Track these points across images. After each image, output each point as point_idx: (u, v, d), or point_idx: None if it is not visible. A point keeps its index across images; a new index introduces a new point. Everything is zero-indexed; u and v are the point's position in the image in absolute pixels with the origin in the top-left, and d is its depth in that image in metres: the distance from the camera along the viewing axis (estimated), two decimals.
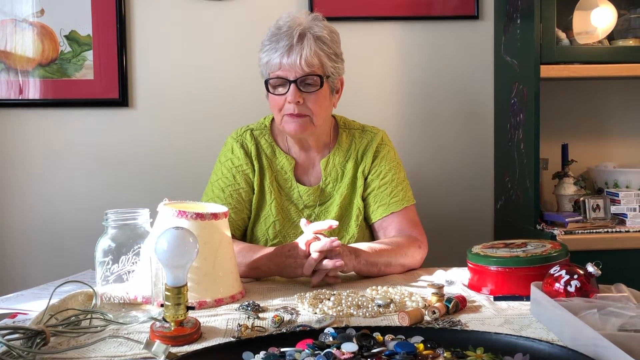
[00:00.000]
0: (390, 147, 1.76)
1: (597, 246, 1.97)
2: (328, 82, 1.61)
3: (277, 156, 1.71)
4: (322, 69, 1.58)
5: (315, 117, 1.60)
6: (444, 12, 2.41)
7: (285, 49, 1.55)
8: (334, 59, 1.61)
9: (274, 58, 1.56)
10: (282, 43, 1.55)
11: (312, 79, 1.57)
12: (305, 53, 1.54)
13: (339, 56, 1.64)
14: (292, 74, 1.55)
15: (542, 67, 2.04)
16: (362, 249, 1.49)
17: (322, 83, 1.58)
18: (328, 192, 1.71)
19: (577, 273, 1.10)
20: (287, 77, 1.56)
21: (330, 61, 1.59)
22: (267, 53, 1.58)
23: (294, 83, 1.55)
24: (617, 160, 2.40)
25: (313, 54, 1.55)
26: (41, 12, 2.33)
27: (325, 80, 1.59)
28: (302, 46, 1.54)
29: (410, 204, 1.70)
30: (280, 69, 1.56)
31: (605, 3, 2.15)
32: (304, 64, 1.54)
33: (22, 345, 0.95)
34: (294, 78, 1.55)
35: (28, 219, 2.39)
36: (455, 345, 0.91)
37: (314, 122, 1.60)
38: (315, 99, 1.58)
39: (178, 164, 2.39)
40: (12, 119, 2.36)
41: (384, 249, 1.53)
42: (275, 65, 1.56)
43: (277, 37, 1.57)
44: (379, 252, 1.51)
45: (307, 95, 1.57)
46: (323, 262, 1.39)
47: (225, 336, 1.06)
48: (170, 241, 1.02)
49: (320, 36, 1.57)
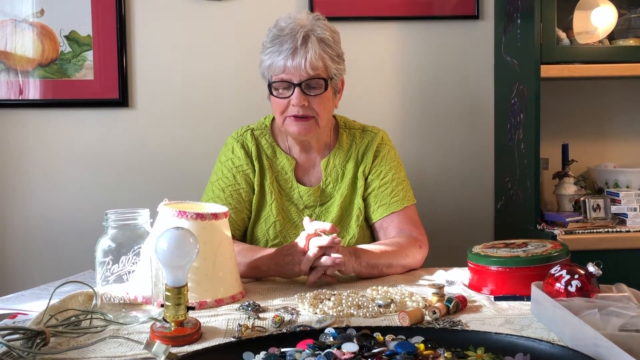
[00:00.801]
0: (391, 146, 1.76)
1: (597, 246, 1.97)
2: (331, 83, 1.61)
3: (278, 156, 1.71)
4: (326, 71, 1.57)
5: (320, 119, 1.60)
6: (444, 12, 2.41)
7: (289, 51, 1.53)
8: (336, 60, 1.60)
9: (278, 61, 1.54)
10: (286, 46, 1.53)
11: (317, 82, 1.56)
12: (310, 56, 1.53)
13: (341, 57, 1.63)
14: (296, 77, 1.54)
15: (542, 67, 2.04)
16: (362, 251, 1.49)
17: (327, 86, 1.58)
18: (328, 193, 1.71)
19: (577, 273, 1.10)
20: (292, 80, 1.55)
21: (334, 63, 1.59)
22: (270, 55, 1.56)
23: (299, 86, 1.54)
24: (618, 160, 2.40)
25: (318, 57, 1.54)
26: (41, 12, 2.33)
27: (329, 83, 1.59)
28: (306, 49, 1.53)
29: (410, 203, 1.70)
30: (284, 72, 1.55)
31: (605, 3, 2.15)
32: (309, 67, 1.53)
33: (22, 345, 0.95)
34: (299, 81, 1.54)
35: (28, 219, 2.39)
36: (455, 345, 0.91)
37: (318, 123, 1.60)
38: (319, 101, 1.58)
39: (178, 164, 2.39)
40: (12, 119, 2.36)
41: (385, 251, 1.52)
42: (279, 68, 1.55)
43: (280, 39, 1.55)
44: (379, 253, 1.50)
45: (311, 97, 1.56)
46: (321, 259, 1.38)
47: (226, 336, 1.06)
48: (171, 241, 1.02)
49: (323, 38, 1.56)
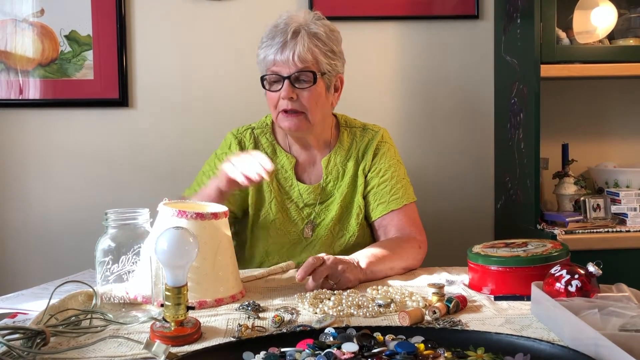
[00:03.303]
0: (391, 144, 1.76)
1: (597, 246, 1.97)
2: (323, 79, 1.62)
3: (278, 154, 1.71)
4: (316, 65, 1.59)
5: (311, 114, 1.60)
6: (444, 11, 2.41)
7: (279, 45, 1.57)
8: (330, 55, 1.61)
9: (269, 54, 1.59)
10: (277, 39, 1.58)
11: (306, 75, 1.58)
12: (299, 49, 1.56)
13: (336, 53, 1.64)
14: (285, 69, 1.58)
15: (542, 67, 2.04)
16: (365, 260, 1.44)
17: (316, 79, 1.59)
18: (329, 191, 1.71)
19: (577, 273, 1.10)
20: (281, 73, 1.58)
21: (326, 58, 1.60)
22: (264, 50, 1.61)
23: (288, 79, 1.57)
24: (618, 159, 2.40)
25: (306, 50, 1.57)
26: (41, 12, 2.33)
27: (319, 77, 1.60)
28: (295, 42, 1.57)
29: (410, 201, 1.70)
30: (275, 65, 1.59)
31: (605, 2, 2.14)
32: (297, 59, 1.56)
33: (22, 345, 0.95)
34: (288, 74, 1.58)
35: (28, 219, 2.38)
36: (455, 345, 0.91)
37: (309, 119, 1.61)
38: (309, 95, 1.59)
39: (178, 163, 2.39)
40: (12, 119, 2.36)
41: (386, 256, 1.50)
42: (270, 61, 1.59)
43: (273, 34, 1.60)
44: (381, 259, 1.48)
45: (300, 91, 1.59)
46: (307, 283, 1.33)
47: (226, 336, 1.06)
48: (170, 241, 1.02)
49: (315, 33, 1.59)
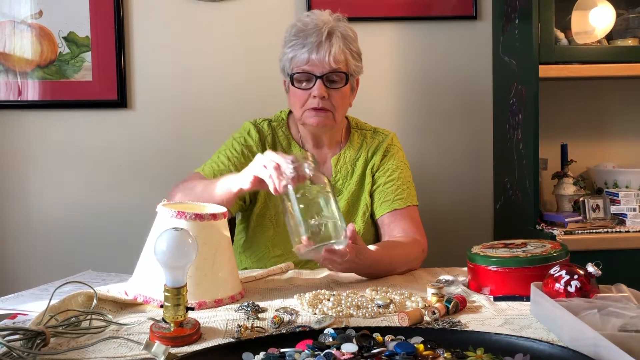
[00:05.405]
0: (399, 148, 1.81)
1: (597, 246, 1.97)
2: (350, 80, 1.67)
3: (292, 148, 1.76)
4: (347, 66, 1.64)
5: (337, 113, 1.66)
6: (442, 12, 2.41)
7: (314, 44, 1.60)
8: (357, 57, 1.68)
9: (302, 53, 1.62)
10: (311, 39, 1.61)
11: (338, 76, 1.63)
12: (334, 50, 1.61)
13: (360, 56, 1.70)
14: (319, 69, 1.61)
15: (540, 67, 2.04)
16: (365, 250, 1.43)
17: (347, 80, 1.65)
18: (337, 189, 1.74)
19: (577, 273, 1.10)
20: (314, 72, 1.62)
21: (354, 60, 1.67)
22: (293, 48, 1.64)
23: (321, 79, 1.61)
24: (617, 160, 2.40)
25: (341, 52, 1.62)
26: (39, 13, 2.33)
27: (349, 78, 1.65)
28: (330, 43, 1.61)
29: (413, 204, 1.72)
30: (308, 64, 1.62)
31: (603, 3, 2.15)
32: (332, 60, 1.60)
33: (22, 346, 0.95)
34: (321, 74, 1.62)
35: (28, 220, 2.38)
36: (455, 345, 0.91)
37: (335, 117, 1.66)
38: (339, 96, 1.65)
39: (177, 164, 2.38)
40: (11, 121, 2.36)
41: (387, 253, 1.51)
42: (302, 60, 1.62)
43: (304, 33, 1.63)
44: (382, 254, 1.48)
45: (331, 91, 1.63)
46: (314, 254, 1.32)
47: (225, 337, 1.06)
48: (170, 242, 1.02)
49: (346, 35, 1.65)
